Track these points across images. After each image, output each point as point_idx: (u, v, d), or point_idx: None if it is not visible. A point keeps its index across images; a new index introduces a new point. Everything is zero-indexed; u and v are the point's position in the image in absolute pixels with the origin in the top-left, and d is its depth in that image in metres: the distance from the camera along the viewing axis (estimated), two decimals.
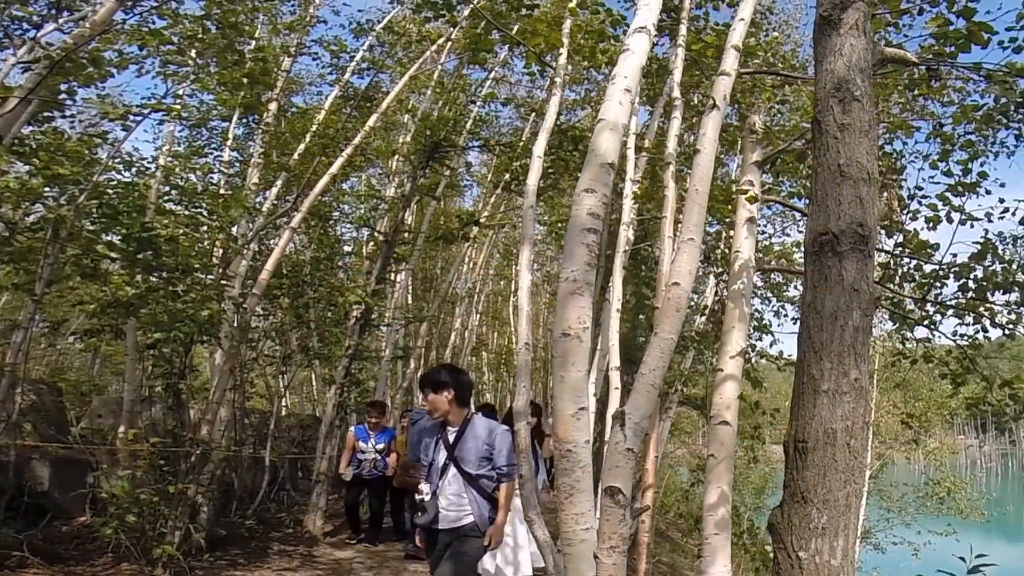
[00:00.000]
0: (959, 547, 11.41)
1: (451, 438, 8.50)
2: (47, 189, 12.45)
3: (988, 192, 11.82)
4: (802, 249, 6.88)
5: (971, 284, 11.93)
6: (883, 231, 12.40)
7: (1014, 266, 11.88)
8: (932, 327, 12.77)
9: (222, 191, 16.79)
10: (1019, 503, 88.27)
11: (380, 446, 15.81)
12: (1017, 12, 8.50)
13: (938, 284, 12.32)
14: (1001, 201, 11.92)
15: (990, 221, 11.90)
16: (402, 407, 23.64)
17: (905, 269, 12.66)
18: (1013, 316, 12.10)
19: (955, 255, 12.00)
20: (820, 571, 4.86)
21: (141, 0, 11.86)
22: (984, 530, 39.29)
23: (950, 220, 11.84)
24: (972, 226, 11.90)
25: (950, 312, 12.38)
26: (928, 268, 12.36)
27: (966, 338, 12.52)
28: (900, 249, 12.38)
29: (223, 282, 14.54)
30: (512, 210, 29.76)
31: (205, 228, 15.06)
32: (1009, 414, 12.50)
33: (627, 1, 15.26)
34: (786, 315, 22.02)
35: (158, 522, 11.95)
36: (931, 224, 11.98)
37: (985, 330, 12.31)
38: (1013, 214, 11.84)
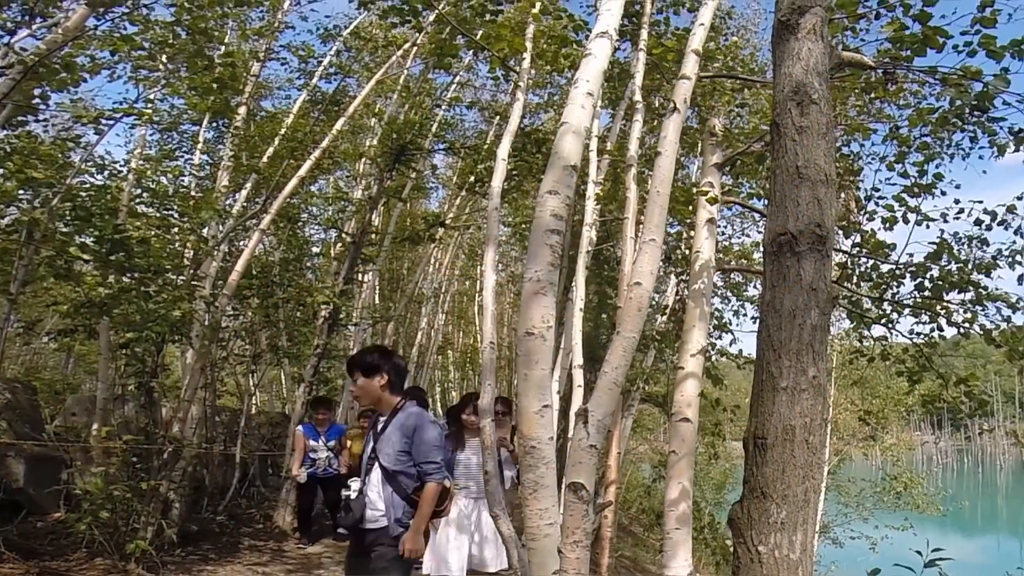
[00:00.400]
0: (916, 541, 11.51)
1: (379, 429, 7.61)
2: (21, 192, 12.50)
3: (943, 193, 11.89)
4: (761, 249, 6.92)
5: (927, 283, 12.02)
6: (841, 231, 12.47)
7: (969, 266, 12.00)
8: (889, 326, 12.86)
9: (193, 193, 16.97)
10: (974, 498, 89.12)
11: (332, 443, 15.27)
12: (972, 17, 8.55)
13: (895, 283, 12.42)
14: (956, 202, 12.03)
15: (945, 221, 12.00)
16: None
17: (862, 269, 12.75)
18: (968, 315, 12.19)
19: (911, 255, 12.04)
20: (779, 565, 4.88)
21: (113, 7, 11.80)
22: (940, 525, 39.57)
23: (906, 221, 11.94)
24: (928, 226, 11.99)
25: (906, 311, 12.46)
26: (885, 268, 12.47)
27: (922, 336, 12.63)
28: (857, 249, 12.47)
29: (194, 283, 14.58)
30: (477, 211, 29.81)
31: (176, 230, 15.10)
32: (964, 411, 12.63)
33: (589, 7, 15.30)
34: (746, 314, 22.17)
35: (131, 518, 11.96)
36: (888, 224, 12.07)
37: (941, 329, 12.42)
38: (968, 215, 11.94)
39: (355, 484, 7.56)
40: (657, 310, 20.66)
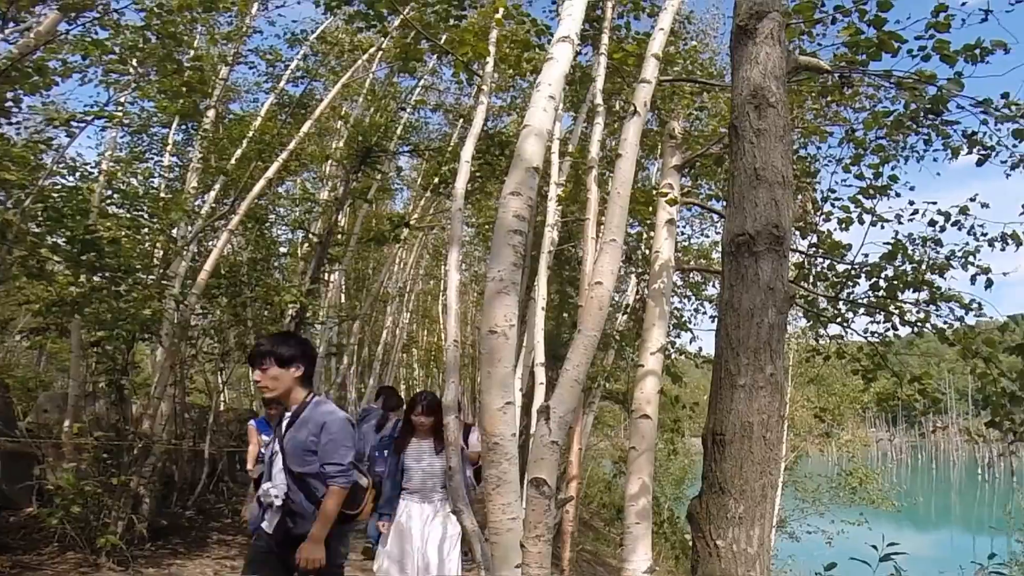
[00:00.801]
0: (871, 536, 11.55)
1: (284, 426, 6.88)
2: None
3: (898, 195, 11.96)
4: (720, 249, 6.94)
5: (882, 283, 12.07)
6: (798, 232, 12.54)
7: (923, 266, 12.04)
8: (845, 324, 12.92)
9: (163, 195, 16.89)
10: (928, 494, 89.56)
11: None
12: (926, 22, 8.60)
13: (850, 283, 12.46)
14: (911, 203, 12.07)
15: (900, 223, 12.06)
16: (337, 403, 23.76)
17: (819, 269, 12.81)
18: (922, 314, 12.25)
19: (867, 255, 12.10)
20: (737, 559, 4.91)
21: (84, 12, 11.81)
22: (895, 520, 39.73)
23: (862, 221, 11.99)
24: (883, 227, 12.05)
25: (862, 310, 12.52)
26: (841, 268, 12.52)
27: (877, 335, 12.68)
28: (814, 249, 12.53)
29: (164, 282, 14.60)
30: (441, 212, 29.79)
31: (146, 230, 15.13)
32: (918, 408, 12.72)
33: (551, 12, 15.33)
34: (704, 313, 22.31)
35: (102, 513, 12.06)
36: (844, 225, 12.13)
37: (895, 328, 12.47)
38: (922, 216, 11.99)
39: (273, 489, 6.75)
40: (618, 309, 20.76)
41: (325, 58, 20.96)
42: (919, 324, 12.25)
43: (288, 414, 6.80)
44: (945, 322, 12.09)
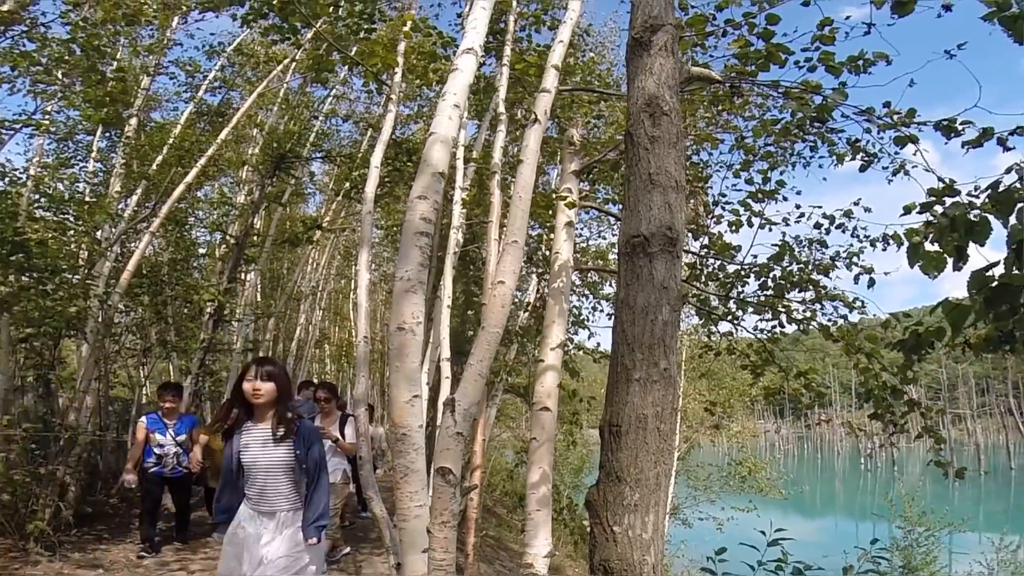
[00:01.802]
0: (760, 522, 11.73)
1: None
2: None
3: (785, 199, 12.18)
4: (616, 250, 6.99)
5: (770, 283, 12.27)
6: (690, 234, 12.70)
7: (809, 266, 12.26)
8: (735, 322, 13.10)
9: (87, 199, 17.05)
10: (814, 483, 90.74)
11: (181, 437, 13.00)
12: (812, 34, 8.73)
13: (740, 283, 12.67)
14: (797, 207, 12.30)
15: (787, 225, 12.27)
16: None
17: (710, 269, 12.99)
18: (808, 312, 12.47)
19: (755, 256, 12.27)
20: (633, 544, 4.96)
21: (12, 25, 11.78)
22: (782, 507, 40.25)
23: (751, 224, 12.18)
24: (771, 230, 12.28)
25: (751, 308, 12.70)
26: (731, 268, 12.73)
27: (765, 332, 12.89)
28: (706, 250, 12.70)
29: (88, 282, 14.82)
30: (352, 215, 29.83)
31: (72, 232, 15.23)
32: (804, 401, 12.90)
33: (457, 25, 15.36)
34: (602, 311, 22.41)
35: (30, 501, 12.32)
36: (734, 228, 12.31)
37: (782, 325, 12.67)
38: (808, 219, 12.19)
39: None
40: (519, 307, 20.83)
41: (242, 69, 21.36)
42: (805, 322, 12.47)
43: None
44: (830, 320, 12.34)
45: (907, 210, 5.32)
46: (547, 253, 15.87)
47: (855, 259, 12.09)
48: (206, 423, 15.44)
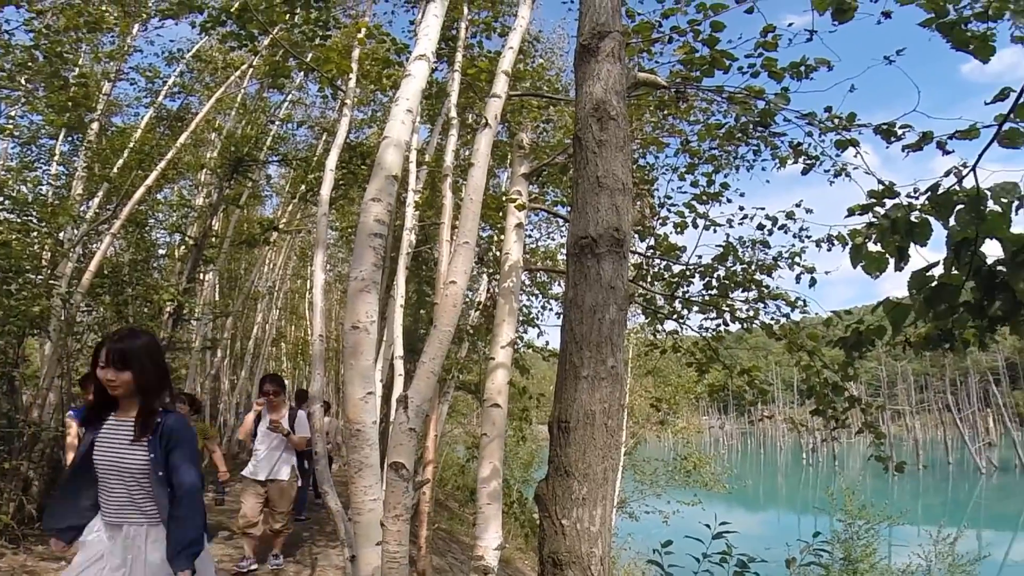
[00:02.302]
0: (705, 515, 11.82)
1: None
2: None
3: (729, 200, 12.24)
4: (565, 251, 7.02)
5: (714, 283, 12.34)
6: (637, 235, 12.75)
7: (752, 267, 12.31)
8: (680, 321, 13.13)
9: (50, 201, 17.18)
10: (757, 477, 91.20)
11: None
12: (755, 41, 8.78)
13: (685, 283, 12.72)
14: (741, 209, 12.36)
15: (731, 226, 12.35)
16: (211, 393, 24.21)
17: (656, 269, 13.02)
18: (751, 311, 12.52)
19: (700, 257, 12.32)
20: (581, 537, 4.99)
21: None
22: (726, 501, 40.57)
23: (696, 225, 12.25)
24: (715, 231, 12.34)
25: (696, 308, 12.75)
26: (676, 268, 12.78)
27: (710, 331, 12.92)
28: (652, 251, 12.73)
29: (51, 282, 14.88)
30: (307, 217, 30.09)
31: (35, 234, 15.38)
32: (748, 398, 12.94)
33: (410, 32, 15.38)
34: (551, 310, 22.59)
35: None
36: (679, 229, 12.35)
37: (726, 324, 12.72)
38: (752, 220, 12.26)
39: None
40: (471, 306, 20.83)
41: (200, 75, 21.37)
42: (748, 320, 12.53)
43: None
44: (773, 318, 12.41)
45: (851, 212, 5.38)
46: (497, 254, 15.88)
47: (797, 259, 12.17)
48: None
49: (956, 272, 3.99)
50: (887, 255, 4.33)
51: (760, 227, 12.27)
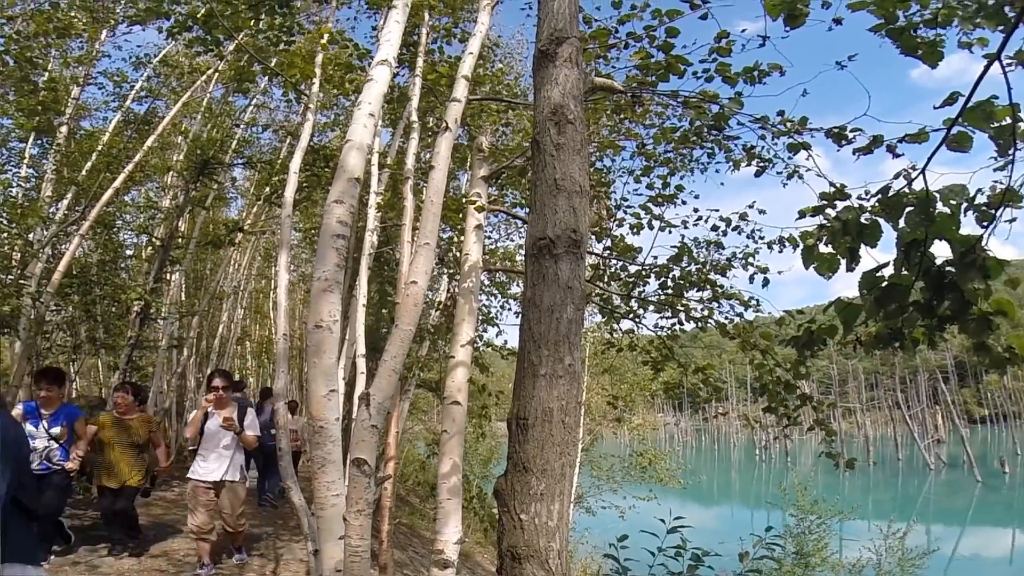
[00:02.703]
0: (660, 510, 11.84)
1: None
2: None
3: (684, 202, 12.33)
4: (523, 252, 7.03)
5: (669, 283, 12.40)
6: (594, 236, 12.79)
7: (706, 267, 12.38)
8: (636, 320, 13.20)
9: (20, 203, 17.22)
10: (711, 473, 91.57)
11: (55, 430, 11.09)
12: (709, 47, 8.83)
13: (641, 283, 12.78)
14: (696, 210, 12.44)
15: (686, 227, 12.42)
16: (177, 391, 24.24)
17: (613, 269, 13.06)
18: (706, 311, 12.58)
19: (656, 257, 12.46)
20: (539, 531, 5.01)
21: None
22: (681, 496, 40.66)
23: (651, 227, 12.31)
24: (670, 232, 12.42)
25: (651, 307, 12.80)
26: (632, 269, 12.82)
27: (665, 330, 12.99)
28: (608, 252, 12.77)
29: (21, 281, 15.11)
30: (272, 219, 30.01)
31: (5, 235, 15.54)
32: (702, 395, 12.99)
33: (372, 37, 15.40)
34: (509, 309, 22.58)
35: None
36: (635, 230, 12.41)
37: (681, 323, 12.79)
38: (706, 221, 12.33)
39: None
40: (431, 306, 20.88)
41: (167, 79, 21.52)
42: (703, 320, 12.60)
43: None
44: (726, 317, 12.48)
45: (802, 214, 5.42)
46: (458, 254, 15.89)
47: (750, 260, 12.26)
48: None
49: (906, 272, 4.05)
50: (838, 256, 4.37)
51: (714, 228, 12.34)
